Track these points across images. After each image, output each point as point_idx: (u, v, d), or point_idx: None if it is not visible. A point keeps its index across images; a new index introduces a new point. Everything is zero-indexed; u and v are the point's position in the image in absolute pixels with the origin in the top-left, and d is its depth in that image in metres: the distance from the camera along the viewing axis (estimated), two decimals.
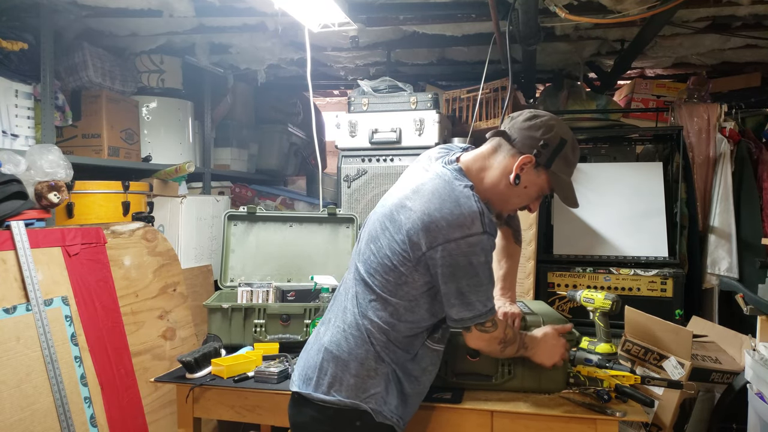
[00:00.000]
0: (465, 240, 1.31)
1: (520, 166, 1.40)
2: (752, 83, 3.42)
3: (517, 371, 1.69)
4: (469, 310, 1.37)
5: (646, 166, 2.68)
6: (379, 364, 1.42)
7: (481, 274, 1.35)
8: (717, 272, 2.77)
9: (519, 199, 1.47)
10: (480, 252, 1.32)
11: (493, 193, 1.45)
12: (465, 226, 1.31)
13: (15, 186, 2.13)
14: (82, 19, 2.65)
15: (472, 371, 1.70)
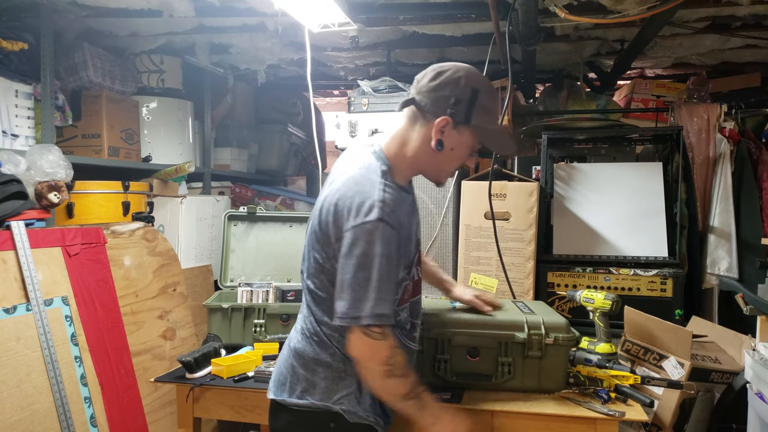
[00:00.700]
0: (361, 227, 1.24)
1: (438, 130, 1.33)
2: (752, 83, 3.42)
3: (516, 371, 1.69)
4: (355, 307, 1.24)
5: (646, 166, 2.68)
6: (348, 365, 1.37)
7: (376, 267, 1.24)
8: (717, 272, 2.76)
9: (450, 163, 1.41)
10: (378, 242, 1.24)
11: (422, 164, 1.40)
12: (363, 213, 1.25)
13: (15, 186, 2.13)
14: (82, 19, 2.65)
15: (472, 371, 1.70)
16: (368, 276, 1.24)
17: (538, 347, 1.67)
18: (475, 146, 1.39)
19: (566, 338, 1.67)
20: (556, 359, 1.68)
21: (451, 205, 2.66)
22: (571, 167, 2.72)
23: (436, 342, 1.70)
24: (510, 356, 1.68)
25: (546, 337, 1.66)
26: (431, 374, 1.71)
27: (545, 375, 1.69)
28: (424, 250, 2.71)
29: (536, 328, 1.68)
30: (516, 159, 3.41)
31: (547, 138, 2.67)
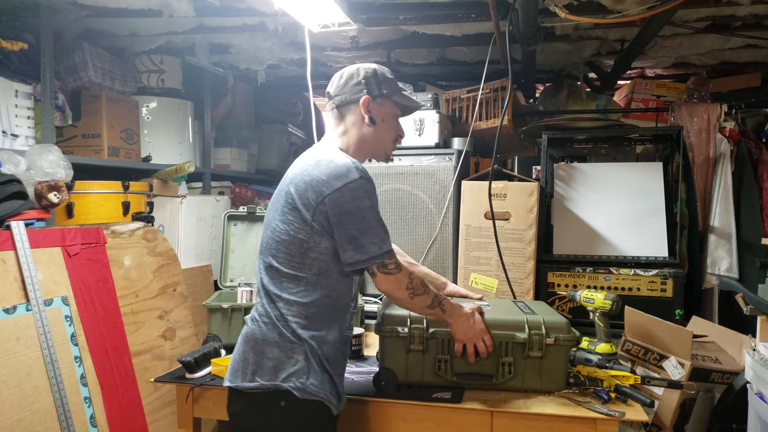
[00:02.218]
0: (346, 187, 1.42)
1: (365, 108, 1.56)
2: (752, 83, 3.42)
3: (517, 371, 1.69)
4: (363, 253, 1.44)
5: (646, 166, 2.68)
6: (295, 343, 1.46)
7: (369, 217, 1.45)
8: (717, 272, 2.77)
9: (387, 133, 1.62)
10: (364, 196, 1.44)
11: (366, 144, 1.60)
12: (343, 176, 1.43)
13: (15, 186, 2.13)
14: (82, 19, 2.65)
15: (473, 371, 1.70)
16: (367, 224, 1.44)
17: (538, 347, 1.67)
18: (398, 113, 1.64)
19: (567, 338, 1.67)
20: (556, 359, 1.68)
21: (451, 205, 2.66)
22: (571, 167, 2.72)
23: (438, 342, 1.70)
24: (511, 356, 1.68)
25: (546, 337, 1.67)
26: (432, 374, 1.71)
27: (546, 375, 1.69)
28: (424, 250, 2.71)
29: (537, 328, 1.68)
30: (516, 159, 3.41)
31: (547, 138, 2.68)
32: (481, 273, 2.52)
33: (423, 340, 1.68)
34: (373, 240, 1.45)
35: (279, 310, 1.48)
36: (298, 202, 1.47)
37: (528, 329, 1.68)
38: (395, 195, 2.77)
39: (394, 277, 1.50)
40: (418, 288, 1.54)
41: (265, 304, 1.51)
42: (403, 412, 1.68)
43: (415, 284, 1.53)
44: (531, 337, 1.67)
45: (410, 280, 1.52)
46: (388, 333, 1.70)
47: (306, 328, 1.48)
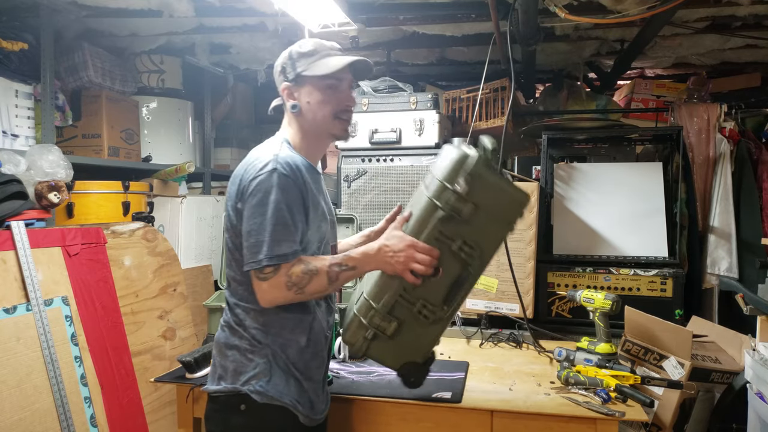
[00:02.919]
0: (258, 178, 1.35)
1: (285, 95, 1.52)
2: (752, 83, 3.42)
3: (476, 239, 1.38)
4: (255, 254, 1.32)
5: (646, 166, 2.67)
6: (256, 346, 1.41)
7: (270, 212, 1.32)
8: (717, 272, 2.76)
9: (321, 111, 1.48)
10: (273, 190, 1.33)
11: (308, 132, 1.51)
12: (258, 168, 1.37)
13: (15, 186, 2.13)
14: (82, 19, 2.65)
15: (451, 280, 1.41)
16: (263, 221, 1.32)
17: (460, 200, 1.35)
18: (322, 84, 1.47)
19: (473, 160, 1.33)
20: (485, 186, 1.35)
21: None
22: (571, 167, 2.72)
23: (399, 305, 1.43)
24: (456, 238, 1.39)
25: (455, 184, 1.34)
26: (430, 328, 1.45)
27: (494, 209, 1.40)
28: None
29: (442, 191, 1.36)
30: (516, 159, 3.41)
31: (547, 138, 2.67)
32: None
33: (387, 317, 1.41)
34: (266, 238, 1.31)
35: (237, 317, 1.44)
36: (228, 206, 1.43)
37: (437, 199, 1.35)
38: (395, 195, 2.77)
39: (269, 282, 1.32)
40: (301, 277, 1.32)
41: (228, 311, 1.49)
42: (403, 412, 1.68)
43: (298, 277, 1.32)
44: (447, 199, 1.33)
45: (288, 276, 1.32)
46: (362, 342, 1.45)
47: (267, 333, 1.42)
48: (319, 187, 1.53)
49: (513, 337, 2.35)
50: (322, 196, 1.53)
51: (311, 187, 1.44)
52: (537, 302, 2.45)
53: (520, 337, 2.34)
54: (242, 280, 1.42)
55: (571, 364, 1.90)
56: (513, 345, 2.31)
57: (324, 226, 1.49)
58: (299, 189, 1.38)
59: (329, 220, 1.56)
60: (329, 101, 1.48)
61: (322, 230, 1.49)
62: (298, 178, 1.38)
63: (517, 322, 2.39)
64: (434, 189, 1.34)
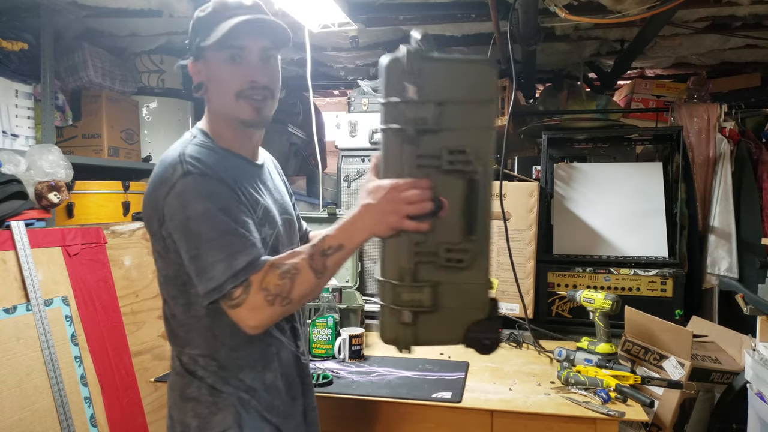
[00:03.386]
0: (171, 193, 1.08)
1: (192, 74, 1.22)
2: (752, 83, 3.42)
3: (473, 150, 1.08)
4: (209, 280, 1.05)
5: (646, 166, 2.68)
6: (217, 397, 1.18)
7: (204, 225, 1.05)
8: (717, 272, 2.76)
9: (221, 91, 1.19)
10: (194, 199, 1.06)
11: (217, 116, 1.23)
12: (167, 179, 1.09)
13: (15, 186, 2.13)
14: (82, 19, 2.65)
15: (463, 210, 1.11)
16: (199, 241, 1.06)
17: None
18: (222, 54, 1.17)
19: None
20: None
21: None
22: (571, 167, 2.71)
23: (419, 263, 1.11)
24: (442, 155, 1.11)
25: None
26: (466, 273, 1.12)
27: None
28: None
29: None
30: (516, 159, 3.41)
31: (547, 138, 2.67)
32: None
33: (415, 287, 1.07)
34: (216, 257, 1.05)
35: (185, 366, 1.21)
36: (150, 233, 1.18)
37: (395, 121, 1.07)
38: None
39: (245, 307, 1.05)
40: (281, 285, 1.06)
41: (174, 357, 1.24)
42: (403, 412, 1.68)
43: (273, 284, 1.05)
44: (402, 115, 1.05)
45: (264, 289, 1.05)
46: (404, 331, 1.09)
47: (225, 380, 1.18)
48: (259, 181, 1.26)
49: (513, 337, 2.35)
50: (267, 192, 1.26)
51: (243, 183, 1.18)
52: (537, 302, 2.45)
53: (520, 337, 2.34)
54: (183, 321, 1.18)
55: (571, 364, 1.90)
56: (513, 345, 2.31)
57: (268, 230, 1.21)
58: (226, 183, 1.12)
59: (282, 221, 1.28)
60: (229, 77, 1.17)
61: (266, 234, 1.19)
62: (218, 171, 1.12)
63: (518, 322, 2.39)
64: (385, 113, 1.06)
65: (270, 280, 1.06)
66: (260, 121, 1.22)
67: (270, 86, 1.21)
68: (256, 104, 1.19)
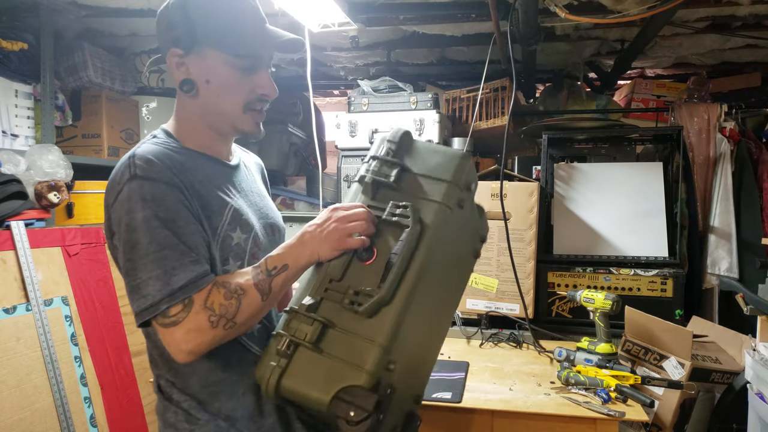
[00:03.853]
0: (117, 199, 0.98)
1: (175, 69, 1.07)
2: (752, 83, 3.42)
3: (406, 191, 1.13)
4: (142, 297, 0.95)
5: (646, 166, 2.68)
6: (193, 424, 1.06)
7: (143, 236, 0.94)
8: (717, 272, 2.76)
9: (227, 99, 1.08)
10: (136, 206, 0.95)
11: (201, 116, 1.11)
12: (115, 183, 0.99)
13: (15, 186, 2.13)
14: (82, 19, 2.65)
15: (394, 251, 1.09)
16: (135, 255, 0.95)
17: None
18: (237, 63, 1.07)
19: None
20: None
21: None
22: (571, 167, 2.71)
23: (324, 302, 1.07)
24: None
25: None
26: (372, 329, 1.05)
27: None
28: None
29: None
30: (516, 159, 3.41)
31: (547, 138, 2.67)
32: (481, 273, 2.52)
33: (307, 318, 0.99)
34: (151, 272, 0.94)
35: (163, 391, 1.11)
36: (107, 241, 1.07)
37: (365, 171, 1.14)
38: None
39: (183, 327, 0.93)
40: (226, 305, 0.96)
41: (153, 374, 1.14)
42: None
43: (218, 304, 0.96)
44: (371, 168, 1.14)
45: (208, 309, 0.95)
46: (272, 369, 0.98)
47: (202, 406, 1.06)
48: (230, 183, 1.14)
49: (513, 337, 2.35)
50: (239, 194, 1.14)
51: (207, 185, 1.06)
52: (537, 302, 2.45)
53: (520, 337, 2.34)
54: (156, 341, 1.07)
55: (571, 364, 1.90)
56: (513, 345, 2.31)
57: (241, 234, 1.08)
58: (176, 188, 0.99)
59: (261, 225, 1.16)
60: (241, 87, 1.08)
61: (234, 242, 1.07)
62: (170, 175, 0.99)
63: (518, 322, 2.39)
64: (361, 168, 1.15)
65: (215, 299, 0.96)
66: (259, 132, 1.16)
67: (271, 99, 1.15)
68: (260, 117, 1.14)
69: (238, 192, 1.14)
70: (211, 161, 1.12)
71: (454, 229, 1.10)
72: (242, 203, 1.13)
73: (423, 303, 1.03)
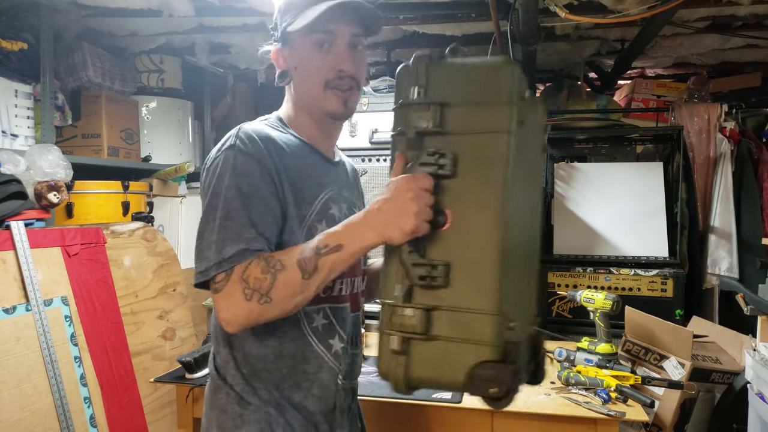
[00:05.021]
0: (213, 163, 1.03)
1: (275, 60, 1.15)
2: (752, 83, 3.42)
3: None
4: (202, 260, 0.97)
5: (647, 166, 2.68)
6: (245, 408, 1.06)
7: (220, 199, 0.98)
8: (717, 272, 2.76)
9: (308, 79, 1.10)
10: (227, 174, 0.99)
11: (299, 103, 1.14)
12: (218, 149, 1.05)
13: (15, 186, 2.13)
14: (82, 19, 2.65)
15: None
16: (211, 218, 0.98)
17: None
18: (310, 40, 1.08)
19: None
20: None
21: None
22: (571, 167, 2.71)
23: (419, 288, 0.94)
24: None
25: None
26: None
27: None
28: None
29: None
30: None
31: (548, 138, 2.67)
32: None
33: (406, 308, 0.89)
34: (215, 237, 0.96)
35: (218, 369, 1.11)
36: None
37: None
38: None
39: (222, 294, 0.94)
40: (261, 279, 0.93)
41: (212, 349, 1.15)
42: (404, 412, 1.68)
43: (253, 277, 0.93)
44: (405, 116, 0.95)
45: (243, 281, 0.93)
46: (396, 364, 0.90)
47: (253, 390, 1.06)
48: (325, 175, 1.14)
49: None
50: (333, 190, 1.13)
51: (301, 171, 1.08)
52: (537, 302, 2.45)
53: None
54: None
55: (571, 365, 1.90)
56: None
57: (324, 228, 1.02)
58: (266, 168, 1.01)
59: (329, 216, 1.13)
60: (318, 65, 1.08)
61: (318, 233, 1.00)
62: (265, 155, 1.02)
63: None
64: (394, 120, 0.97)
65: (251, 273, 0.93)
66: (347, 113, 1.12)
67: (356, 76, 1.10)
68: (343, 96, 1.09)
69: (332, 187, 1.14)
70: (313, 152, 1.14)
71: (521, 149, 0.96)
72: (335, 198, 1.13)
73: (515, 242, 0.92)
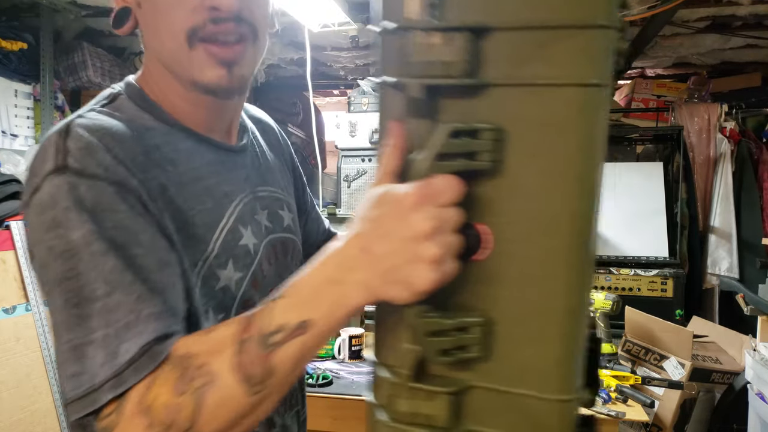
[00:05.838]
0: (32, 201, 0.57)
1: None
2: (752, 83, 3.42)
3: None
4: (77, 375, 0.53)
5: (647, 166, 2.67)
6: None
7: (84, 260, 0.54)
8: (717, 272, 2.76)
9: (165, 23, 0.63)
10: (71, 214, 0.55)
11: (157, 56, 0.67)
12: (33, 174, 0.58)
13: (15, 186, 2.13)
14: (82, 19, 2.65)
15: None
16: (78, 295, 0.54)
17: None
18: None
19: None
20: None
21: None
22: None
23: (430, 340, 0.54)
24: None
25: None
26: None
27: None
28: None
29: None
30: None
31: None
32: None
33: (416, 391, 0.50)
34: (97, 333, 0.53)
35: None
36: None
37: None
38: None
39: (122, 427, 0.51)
40: (175, 406, 0.51)
41: None
42: None
43: (159, 404, 0.51)
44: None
45: (147, 407, 0.51)
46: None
47: None
48: (226, 180, 0.71)
49: None
50: (242, 199, 0.73)
51: (187, 188, 0.65)
52: None
53: None
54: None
55: None
56: None
57: (235, 273, 0.68)
58: (131, 191, 0.58)
59: (266, 249, 0.74)
60: (175, 2, 0.62)
61: (219, 285, 0.67)
62: (121, 172, 0.58)
63: None
64: (382, 54, 0.52)
65: (158, 394, 0.52)
66: (232, 84, 0.66)
67: (247, 16, 0.65)
68: (222, 53, 0.63)
69: (241, 194, 0.73)
70: (200, 145, 0.69)
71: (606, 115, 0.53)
72: (244, 215, 0.72)
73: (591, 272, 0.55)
